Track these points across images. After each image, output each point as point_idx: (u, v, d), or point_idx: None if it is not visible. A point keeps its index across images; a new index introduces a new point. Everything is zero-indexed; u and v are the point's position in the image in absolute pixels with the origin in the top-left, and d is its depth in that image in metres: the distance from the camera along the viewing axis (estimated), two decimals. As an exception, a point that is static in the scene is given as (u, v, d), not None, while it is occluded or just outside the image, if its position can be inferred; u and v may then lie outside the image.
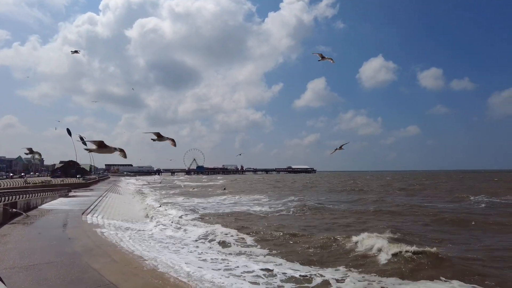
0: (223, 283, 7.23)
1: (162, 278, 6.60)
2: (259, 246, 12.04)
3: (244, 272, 8.56)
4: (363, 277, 8.46)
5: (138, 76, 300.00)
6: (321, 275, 8.40)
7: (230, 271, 8.57)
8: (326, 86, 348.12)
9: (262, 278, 8.17)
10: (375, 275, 8.58)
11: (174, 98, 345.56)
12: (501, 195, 31.13)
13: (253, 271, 8.61)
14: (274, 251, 11.29)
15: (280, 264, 9.58)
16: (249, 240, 12.97)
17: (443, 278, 8.23)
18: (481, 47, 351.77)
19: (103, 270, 6.70)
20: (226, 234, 13.64)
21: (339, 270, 9.10)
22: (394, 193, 38.82)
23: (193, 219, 18.28)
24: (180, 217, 19.08)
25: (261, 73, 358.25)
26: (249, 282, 7.78)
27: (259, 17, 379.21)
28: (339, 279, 8.21)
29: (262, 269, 8.78)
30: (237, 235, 13.49)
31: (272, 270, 8.75)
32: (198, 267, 8.53)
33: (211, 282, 7.11)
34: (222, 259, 9.86)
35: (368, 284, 7.99)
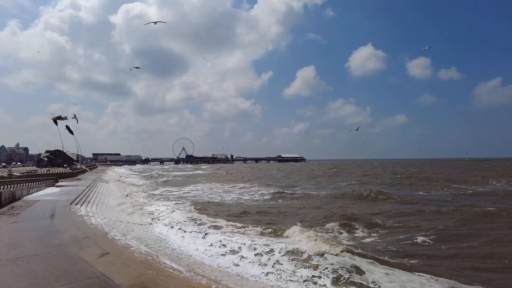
0: (215, 261, 7.23)
1: (156, 268, 6.54)
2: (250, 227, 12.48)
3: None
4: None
5: (124, 63, 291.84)
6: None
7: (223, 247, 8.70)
8: (316, 75, 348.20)
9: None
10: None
11: (162, 86, 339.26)
12: (472, 184, 32.19)
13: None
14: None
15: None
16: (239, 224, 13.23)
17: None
18: (468, 36, 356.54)
19: (94, 261, 6.59)
20: (215, 221, 13.80)
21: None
22: (369, 181, 39.69)
23: (182, 206, 18.23)
24: (170, 205, 19.01)
25: (250, 60, 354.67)
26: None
27: (248, 3, 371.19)
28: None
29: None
30: (227, 222, 13.66)
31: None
32: (191, 254, 8.52)
33: (206, 264, 7.11)
34: (203, 236, 9.88)
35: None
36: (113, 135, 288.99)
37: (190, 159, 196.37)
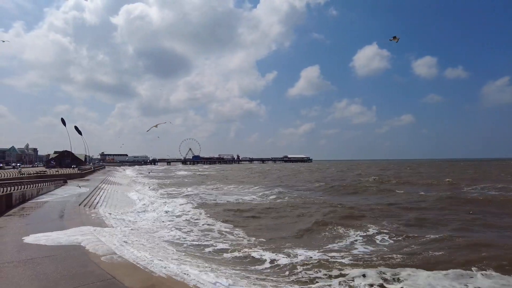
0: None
1: (165, 270, 6.50)
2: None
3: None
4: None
5: (128, 64, 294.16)
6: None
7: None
8: (320, 75, 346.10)
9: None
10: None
11: (166, 86, 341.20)
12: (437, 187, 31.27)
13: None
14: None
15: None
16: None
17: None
18: (476, 35, 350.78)
19: (103, 264, 6.57)
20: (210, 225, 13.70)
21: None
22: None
23: (193, 210, 18.23)
24: (175, 206, 19.04)
25: (253, 61, 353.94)
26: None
27: (250, 3, 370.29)
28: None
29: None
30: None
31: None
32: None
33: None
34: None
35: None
36: (119, 136, 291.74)
37: (197, 160, 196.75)
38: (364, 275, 7.56)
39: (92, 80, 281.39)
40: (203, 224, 14.41)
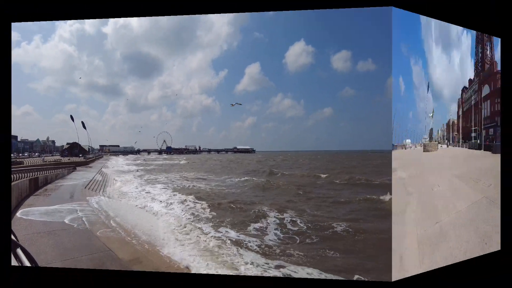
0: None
1: (148, 247, 8.68)
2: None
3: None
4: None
5: (116, 67, 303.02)
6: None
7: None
8: (260, 71, 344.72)
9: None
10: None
11: (145, 86, 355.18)
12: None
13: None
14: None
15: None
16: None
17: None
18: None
19: (103, 238, 8.73)
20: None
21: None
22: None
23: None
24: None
25: (210, 60, 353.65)
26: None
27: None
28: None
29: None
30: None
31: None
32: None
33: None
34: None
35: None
36: (112, 130, 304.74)
37: (169, 150, 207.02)
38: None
39: (91, 82, 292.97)
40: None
